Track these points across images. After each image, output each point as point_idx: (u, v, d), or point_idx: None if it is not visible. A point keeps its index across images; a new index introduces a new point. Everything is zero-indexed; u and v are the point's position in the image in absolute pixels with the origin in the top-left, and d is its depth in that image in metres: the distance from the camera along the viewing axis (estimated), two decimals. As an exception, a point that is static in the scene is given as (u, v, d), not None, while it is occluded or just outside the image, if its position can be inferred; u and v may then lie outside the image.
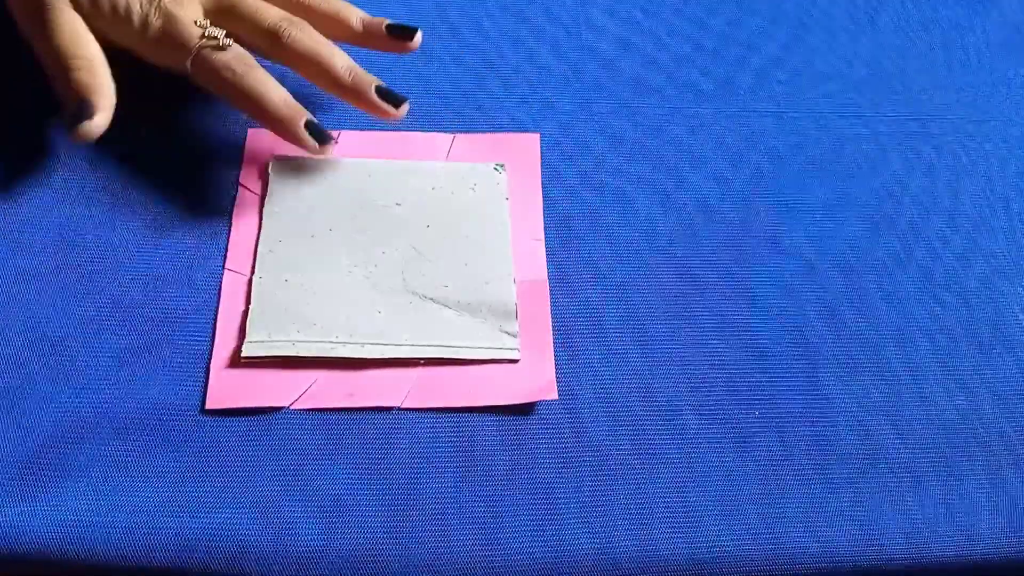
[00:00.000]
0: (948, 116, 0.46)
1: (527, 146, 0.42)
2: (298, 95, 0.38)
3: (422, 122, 0.42)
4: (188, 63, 0.37)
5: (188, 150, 0.40)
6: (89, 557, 0.30)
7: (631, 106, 0.44)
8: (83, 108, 0.35)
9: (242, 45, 0.38)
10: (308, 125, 0.37)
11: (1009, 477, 0.35)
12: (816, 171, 0.43)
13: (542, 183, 0.41)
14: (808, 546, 0.32)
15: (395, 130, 0.41)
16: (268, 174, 0.39)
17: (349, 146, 0.41)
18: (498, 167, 0.40)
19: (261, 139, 0.40)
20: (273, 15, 0.38)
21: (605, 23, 0.47)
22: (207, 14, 0.38)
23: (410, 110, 0.42)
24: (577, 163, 0.42)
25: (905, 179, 0.43)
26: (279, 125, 0.37)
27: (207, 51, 0.37)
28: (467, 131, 0.42)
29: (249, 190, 0.39)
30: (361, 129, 0.41)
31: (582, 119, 0.43)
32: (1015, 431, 0.36)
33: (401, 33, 0.40)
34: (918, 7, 0.51)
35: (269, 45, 0.38)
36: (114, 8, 0.37)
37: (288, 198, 0.38)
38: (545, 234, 0.39)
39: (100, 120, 0.35)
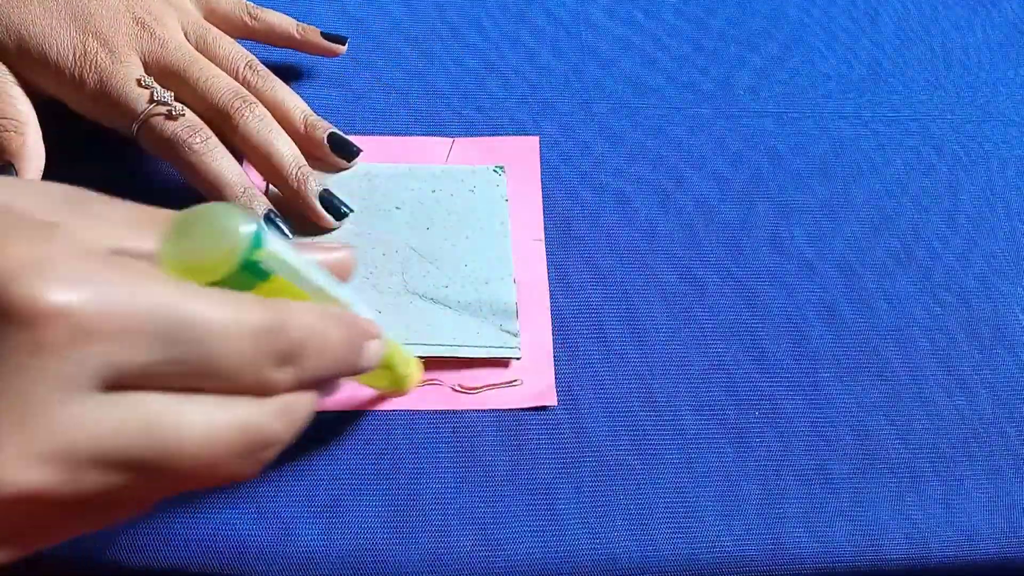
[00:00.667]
0: (948, 116, 0.46)
1: (526, 149, 0.42)
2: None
3: (422, 123, 0.42)
4: (134, 128, 0.34)
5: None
6: (88, 557, 0.30)
7: (631, 106, 0.44)
8: (5, 172, 0.32)
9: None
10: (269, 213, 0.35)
11: (1009, 477, 0.35)
12: (816, 171, 0.43)
13: (542, 184, 0.41)
14: (808, 546, 0.33)
15: (395, 134, 0.41)
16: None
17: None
18: (497, 169, 0.40)
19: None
20: (225, 91, 0.35)
21: (605, 23, 0.47)
22: (148, 70, 0.35)
23: (411, 111, 0.42)
24: (577, 163, 0.42)
25: (905, 179, 0.43)
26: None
27: (157, 119, 0.34)
28: (467, 131, 0.42)
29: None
30: (361, 134, 0.41)
31: (582, 119, 0.43)
32: (1015, 431, 0.36)
33: (341, 149, 0.38)
34: (918, 7, 0.51)
35: (219, 121, 0.35)
36: (44, 60, 0.33)
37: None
38: (545, 234, 0.39)
39: None
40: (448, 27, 0.46)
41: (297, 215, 0.36)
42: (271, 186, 0.37)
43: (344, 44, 0.41)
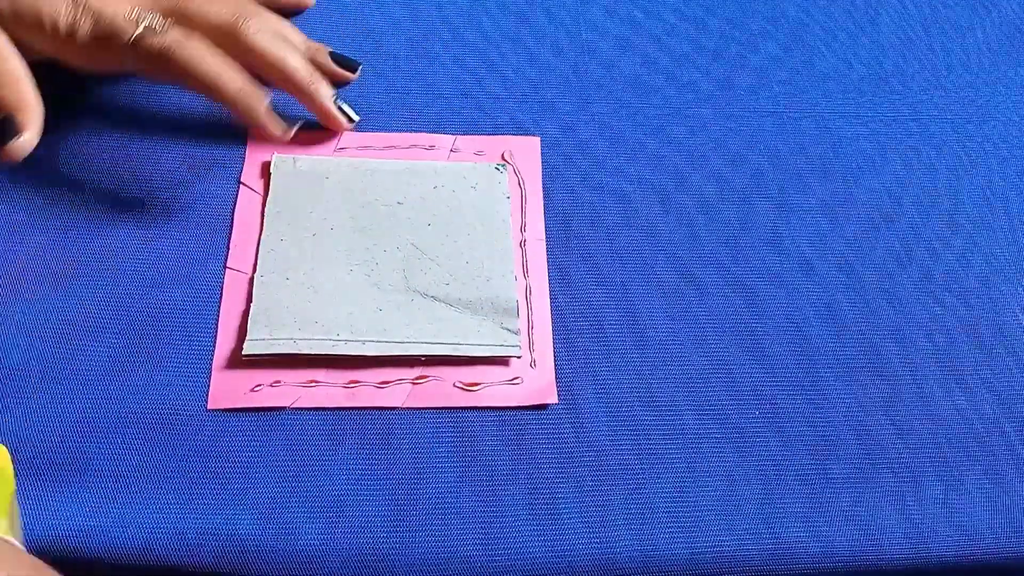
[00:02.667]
0: (948, 116, 0.46)
1: (527, 149, 0.42)
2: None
3: (423, 122, 0.42)
4: (128, 56, 0.35)
5: (189, 149, 0.40)
6: (89, 557, 0.30)
7: (631, 106, 0.44)
8: (7, 126, 0.33)
9: None
10: (270, 108, 0.37)
11: (1009, 477, 0.35)
12: (816, 171, 0.43)
13: (543, 183, 0.41)
14: (808, 546, 0.33)
15: (397, 131, 0.41)
16: (270, 173, 0.39)
17: (351, 146, 0.41)
18: (499, 167, 0.40)
19: (263, 138, 0.40)
20: (225, 9, 0.37)
21: (605, 23, 0.47)
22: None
23: (411, 111, 0.42)
24: (577, 163, 0.42)
25: (905, 179, 0.43)
26: (236, 108, 0.36)
27: (149, 36, 0.34)
28: (468, 131, 0.42)
29: (251, 189, 0.39)
30: (362, 130, 0.41)
31: (582, 119, 0.43)
32: (1015, 431, 0.36)
33: (342, 62, 0.41)
34: (918, 7, 0.51)
35: (226, 41, 0.37)
36: (38, 19, 0.34)
37: (290, 197, 0.38)
38: (545, 234, 0.39)
39: (28, 137, 0.33)
40: (448, 27, 0.46)
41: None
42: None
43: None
